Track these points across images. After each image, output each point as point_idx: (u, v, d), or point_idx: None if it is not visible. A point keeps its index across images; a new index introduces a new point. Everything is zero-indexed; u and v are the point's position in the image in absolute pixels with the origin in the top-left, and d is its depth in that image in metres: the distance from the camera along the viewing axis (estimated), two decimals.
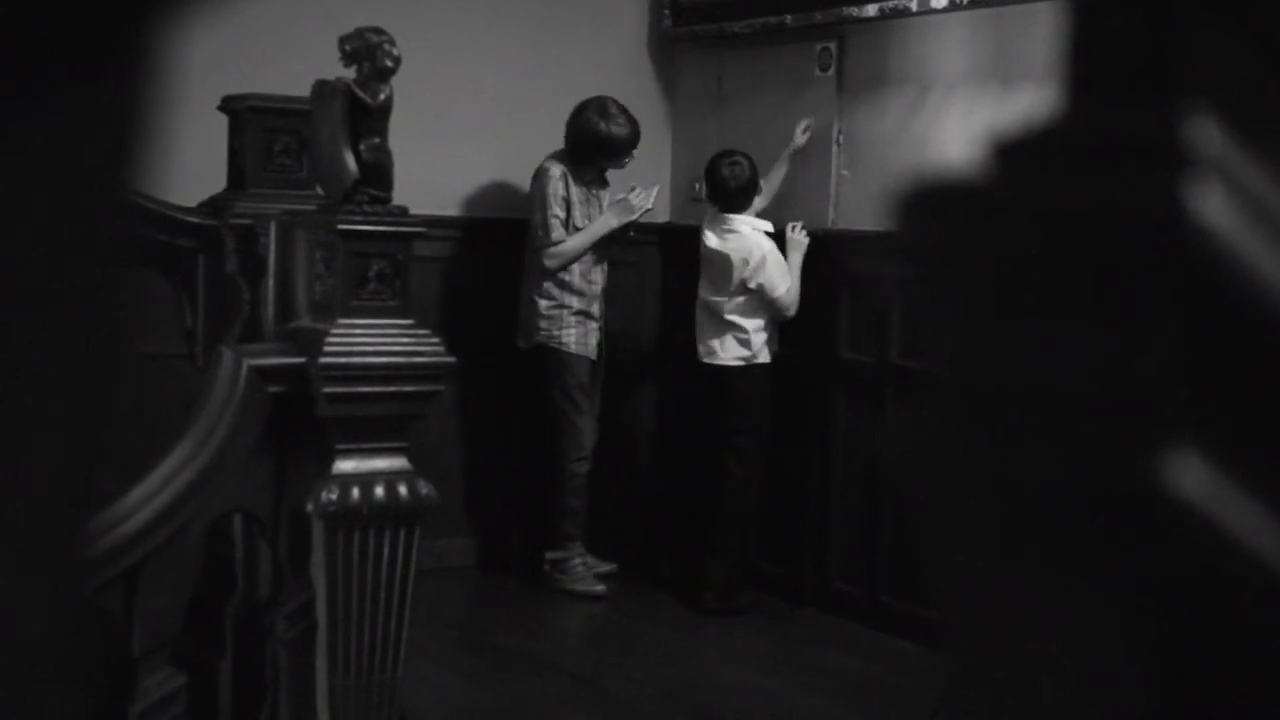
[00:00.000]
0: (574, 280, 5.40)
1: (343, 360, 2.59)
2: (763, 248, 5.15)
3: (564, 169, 5.42)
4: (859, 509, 5.10)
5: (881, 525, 4.99)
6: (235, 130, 3.29)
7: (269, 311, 2.98)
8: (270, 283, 2.98)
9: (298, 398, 2.61)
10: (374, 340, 2.62)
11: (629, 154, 5.42)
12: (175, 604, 2.53)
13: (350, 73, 2.72)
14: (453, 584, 5.40)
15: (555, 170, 5.41)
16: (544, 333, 5.41)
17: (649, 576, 5.52)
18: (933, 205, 0.42)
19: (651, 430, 5.98)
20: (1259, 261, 0.38)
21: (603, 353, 5.54)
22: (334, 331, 2.61)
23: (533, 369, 5.44)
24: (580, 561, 5.42)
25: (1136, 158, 0.38)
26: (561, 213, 5.38)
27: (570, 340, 5.40)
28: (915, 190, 0.42)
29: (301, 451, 2.66)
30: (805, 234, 5.23)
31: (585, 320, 5.43)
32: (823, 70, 5.35)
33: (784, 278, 5.15)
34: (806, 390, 5.32)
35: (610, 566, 5.55)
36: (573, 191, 5.40)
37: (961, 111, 4.77)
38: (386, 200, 2.69)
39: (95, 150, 0.39)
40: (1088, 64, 0.41)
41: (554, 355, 5.41)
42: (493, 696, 4.34)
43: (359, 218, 2.66)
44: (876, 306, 5.01)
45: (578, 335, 5.41)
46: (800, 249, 5.21)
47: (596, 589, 5.38)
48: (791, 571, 5.38)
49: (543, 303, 5.41)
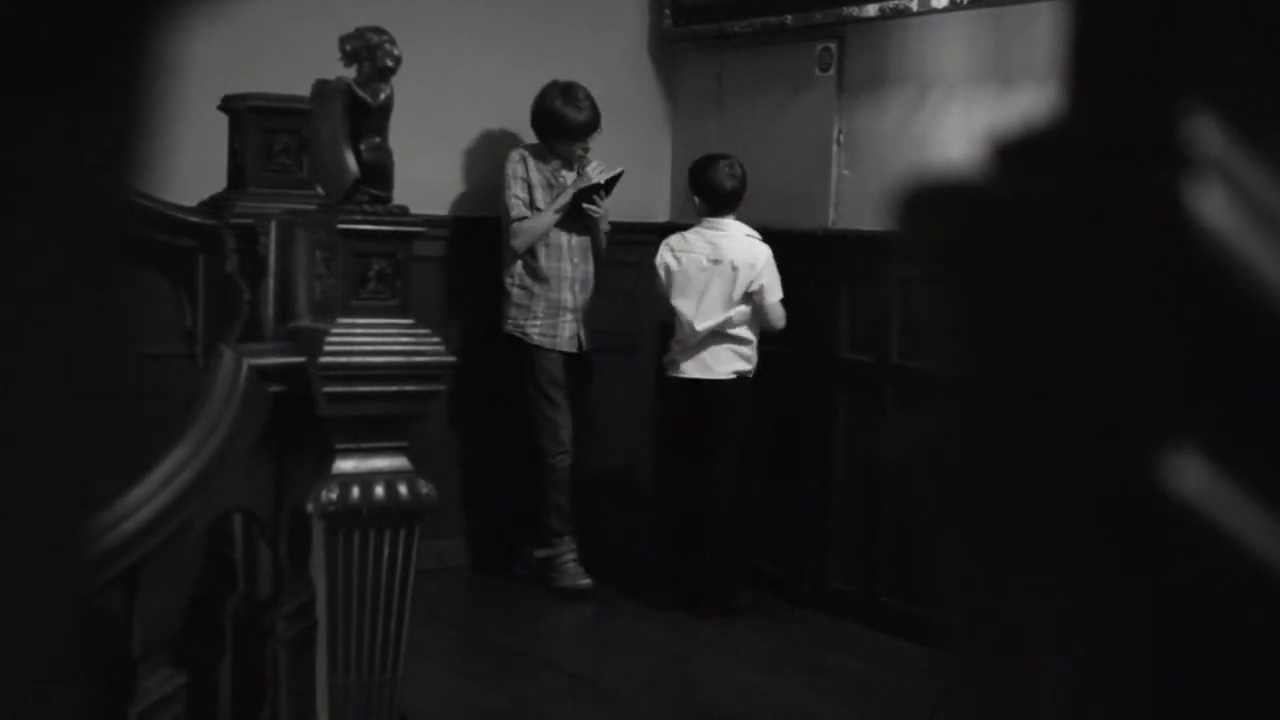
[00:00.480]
0: (540, 266, 5.35)
1: (343, 360, 2.59)
2: (764, 252, 5.12)
3: (525, 152, 5.42)
4: (859, 509, 5.10)
5: (881, 525, 4.99)
6: (235, 130, 3.29)
7: (269, 311, 2.98)
8: (270, 282, 2.98)
9: (298, 397, 2.61)
10: (374, 340, 2.63)
11: (583, 138, 5.36)
12: (175, 604, 2.53)
13: (350, 72, 2.72)
14: (453, 584, 5.40)
15: (515, 154, 5.42)
16: (512, 322, 5.39)
17: (648, 577, 5.52)
18: (933, 205, 0.42)
19: (649, 430, 5.97)
20: (1259, 261, 0.38)
21: (582, 345, 5.48)
22: (334, 331, 2.61)
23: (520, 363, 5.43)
24: (571, 558, 5.40)
25: (1137, 158, 0.38)
26: (522, 193, 5.36)
27: (534, 332, 5.36)
28: (915, 190, 0.42)
29: (302, 451, 2.66)
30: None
31: (557, 311, 5.38)
32: (823, 70, 5.35)
33: (779, 287, 5.12)
34: (806, 390, 5.32)
35: (587, 582, 5.49)
36: (533, 174, 5.38)
37: (962, 111, 4.77)
38: (387, 200, 2.69)
39: (95, 150, 0.39)
40: (1088, 64, 0.41)
41: (522, 348, 5.38)
42: (493, 696, 4.34)
43: (359, 217, 2.66)
44: (877, 306, 5.01)
45: (544, 327, 5.36)
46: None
47: (582, 583, 5.35)
48: (791, 571, 5.38)
49: (514, 291, 5.39)
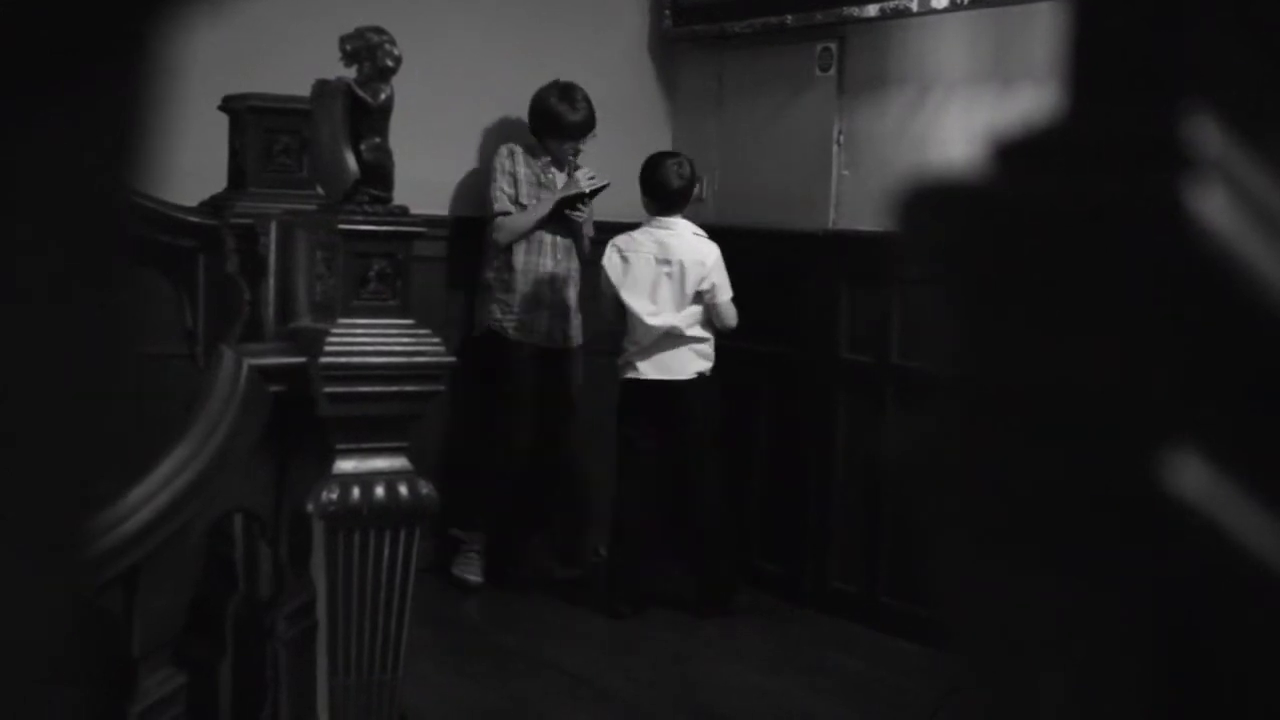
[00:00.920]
0: (518, 264, 5.34)
1: (343, 360, 2.59)
2: (713, 251, 5.09)
3: (515, 147, 5.42)
4: (859, 509, 5.10)
5: (882, 525, 4.99)
6: (236, 130, 3.29)
7: (269, 311, 2.98)
8: (271, 282, 2.98)
9: (298, 398, 2.61)
10: (374, 340, 2.62)
11: (577, 139, 5.35)
12: (176, 604, 2.53)
13: (351, 72, 2.72)
14: (452, 583, 5.40)
15: (504, 148, 5.42)
16: (492, 318, 5.38)
17: (647, 577, 5.52)
18: (933, 206, 0.42)
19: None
20: (1259, 262, 0.38)
21: (565, 341, 5.46)
22: (334, 331, 2.61)
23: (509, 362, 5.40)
24: (477, 549, 5.42)
25: (1137, 158, 0.38)
26: (508, 188, 5.35)
27: (510, 326, 5.35)
28: (915, 190, 0.42)
29: (302, 451, 2.66)
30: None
31: (535, 307, 5.36)
32: (823, 70, 5.35)
33: (729, 285, 5.09)
34: (807, 390, 5.32)
35: (577, 571, 5.54)
36: (520, 169, 5.38)
37: (962, 111, 4.77)
38: (387, 200, 2.69)
39: (96, 150, 0.39)
40: (1088, 64, 0.41)
41: (498, 343, 5.36)
42: (493, 696, 4.34)
43: (359, 217, 2.66)
44: (877, 307, 5.01)
45: (519, 322, 5.35)
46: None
47: (470, 578, 5.38)
48: (791, 571, 5.38)
49: (495, 287, 5.38)
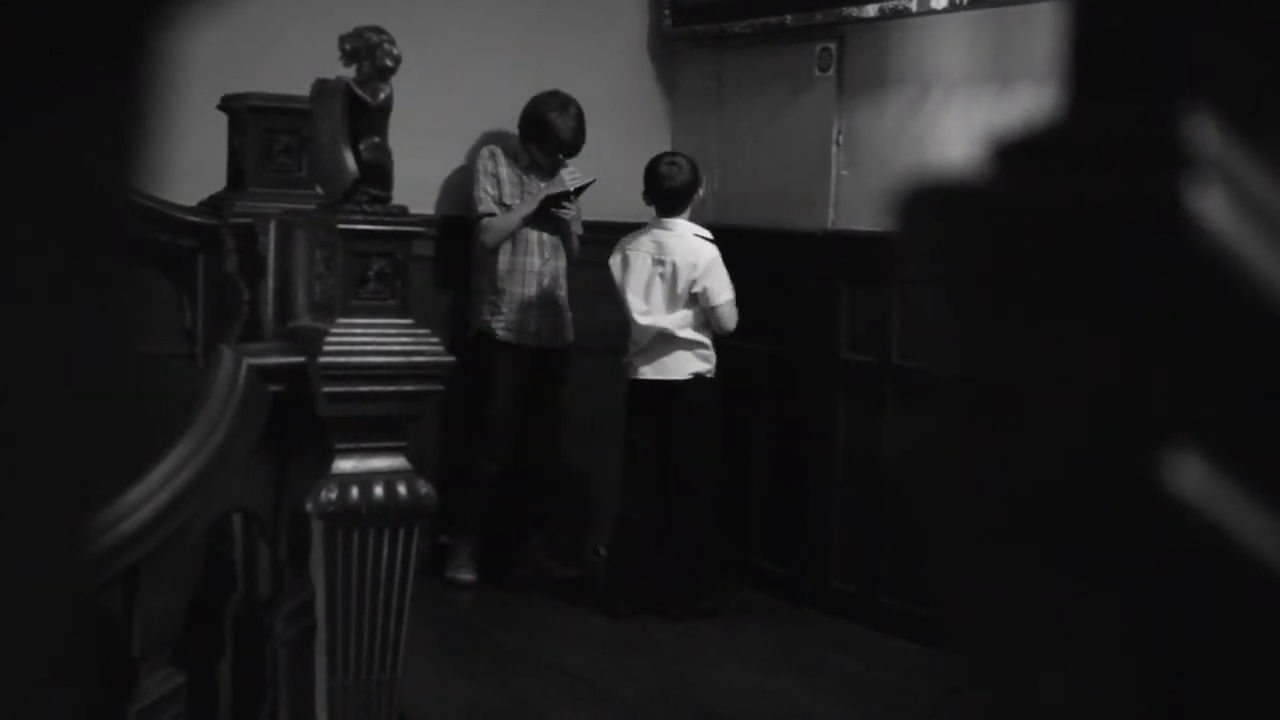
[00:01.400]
0: (503, 261, 5.33)
1: (342, 360, 2.59)
2: (709, 253, 5.07)
3: (496, 148, 5.41)
4: (859, 509, 5.10)
5: (882, 525, 4.99)
6: (235, 129, 3.29)
7: (268, 311, 2.98)
8: (270, 282, 2.98)
9: (297, 397, 2.61)
10: (373, 340, 2.62)
11: (562, 152, 5.34)
12: (175, 603, 2.53)
13: (350, 72, 2.72)
14: (450, 584, 5.41)
15: (485, 149, 5.41)
16: (482, 319, 5.37)
17: (646, 578, 5.51)
18: (933, 205, 0.42)
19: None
20: (1259, 262, 0.38)
21: (558, 339, 5.45)
22: (333, 331, 2.61)
23: (510, 365, 5.39)
24: (468, 551, 5.43)
25: (1137, 158, 0.38)
26: (492, 189, 5.34)
27: (499, 327, 5.34)
28: (915, 190, 0.42)
29: (301, 451, 2.66)
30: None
31: (523, 307, 5.35)
32: (822, 70, 5.35)
33: (726, 289, 5.06)
34: (807, 390, 5.32)
35: (575, 571, 5.55)
36: (504, 171, 5.37)
37: (961, 111, 4.77)
38: (386, 200, 2.69)
39: (95, 150, 0.39)
40: (1088, 64, 0.41)
41: (488, 344, 5.35)
42: (492, 696, 4.34)
43: (358, 217, 2.66)
44: (877, 307, 5.01)
45: (508, 322, 5.34)
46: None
47: (463, 577, 5.40)
48: (791, 571, 5.38)
49: (484, 289, 5.38)
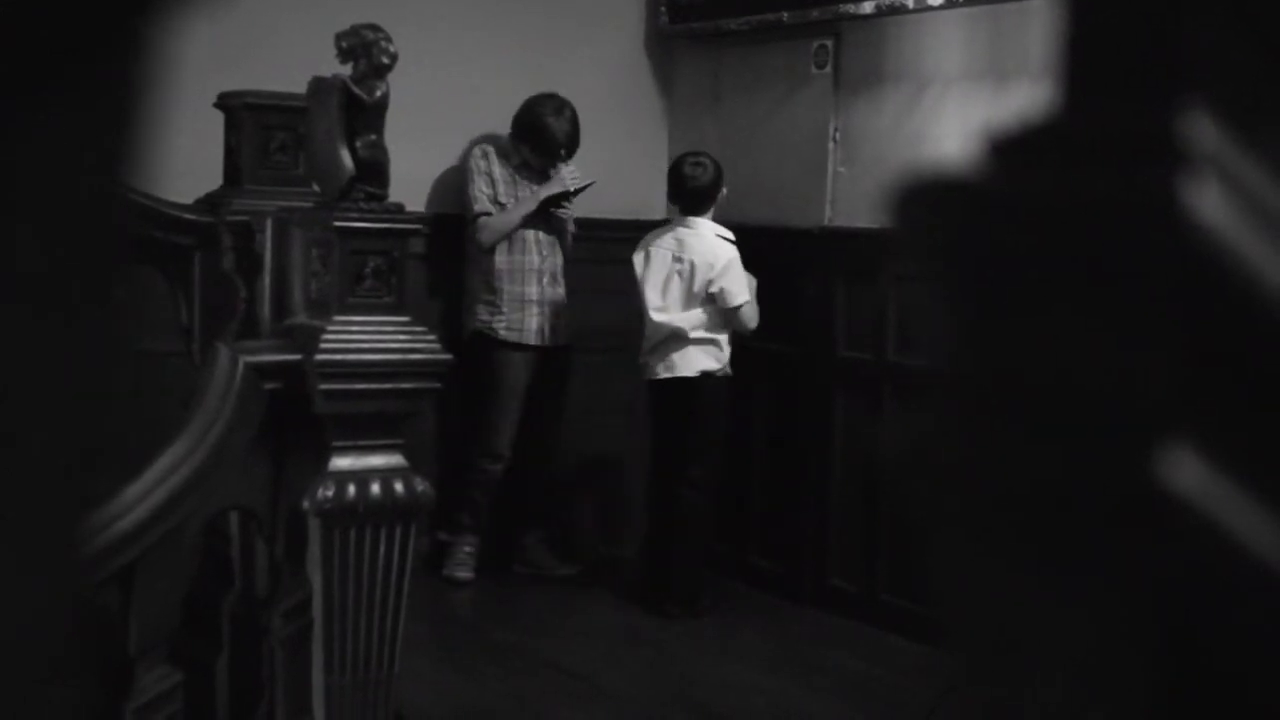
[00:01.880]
0: (501, 260, 5.32)
1: (339, 357, 2.59)
2: (726, 254, 5.08)
3: (489, 148, 5.40)
4: (857, 507, 5.10)
5: (880, 523, 4.99)
6: (231, 127, 3.29)
7: (265, 308, 2.98)
8: (266, 280, 2.98)
9: (294, 395, 2.61)
10: (370, 337, 2.62)
11: (554, 156, 5.34)
12: (172, 601, 2.52)
13: (346, 69, 2.72)
14: (447, 582, 5.41)
15: (477, 148, 5.40)
16: (480, 320, 5.36)
17: (646, 575, 5.52)
18: (929, 202, 0.42)
19: (640, 427, 5.96)
20: (1256, 258, 0.38)
21: (554, 339, 5.44)
22: (330, 328, 2.61)
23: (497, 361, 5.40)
24: (468, 550, 5.43)
25: (1133, 154, 0.38)
26: (487, 188, 5.34)
27: (501, 328, 5.33)
28: (911, 187, 0.42)
29: (298, 448, 2.66)
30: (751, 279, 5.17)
31: (522, 305, 5.34)
32: (819, 67, 5.35)
33: (744, 290, 5.07)
34: (804, 388, 5.32)
35: (573, 569, 5.55)
36: (497, 170, 5.36)
37: (958, 108, 4.78)
38: (383, 197, 2.69)
39: (91, 147, 0.39)
40: (1084, 60, 0.41)
41: (488, 345, 5.34)
42: (490, 694, 4.34)
43: (355, 215, 2.65)
44: (873, 304, 5.01)
45: (510, 322, 5.33)
46: (751, 286, 5.16)
47: (460, 575, 5.40)
48: (790, 570, 5.38)
49: (480, 289, 5.36)
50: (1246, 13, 0.40)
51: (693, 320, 5.09)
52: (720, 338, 5.12)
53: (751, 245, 5.29)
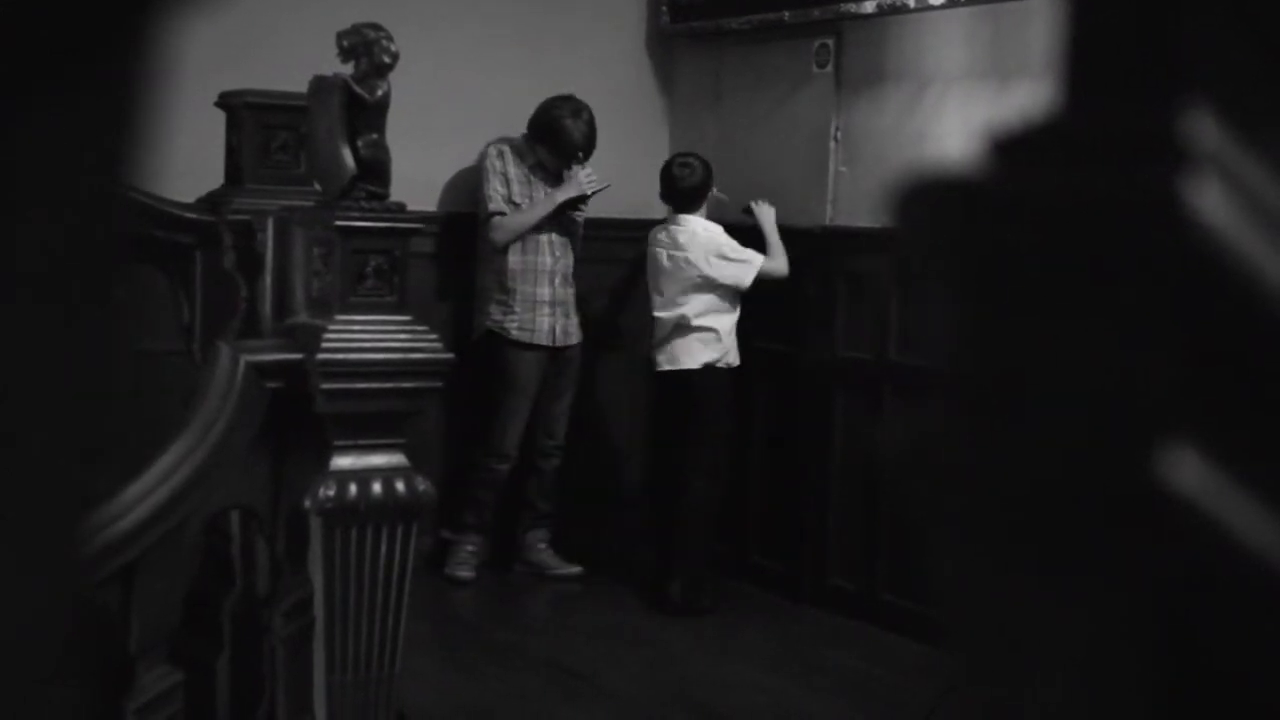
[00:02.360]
0: (514, 261, 5.34)
1: (340, 356, 2.59)
2: (717, 241, 5.17)
3: (505, 147, 5.41)
4: (858, 507, 5.10)
5: (880, 523, 4.99)
6: (233, 126, 3.29)
7: (266, 308, 2.98)
8: (268, 279, 2.98)
9: (295, 394, 2.61)
10: (371, 336, 2.62)
11: (571, 158, 5.35)
12: (172, 600, 2.52)
13: (348, 68, 2.72)
14: (449, 581, 5.41)
15: (493, 148, 5.41)
16: (491, 319, 5.38)
17: (645, 574, 5.52)
18: (930, 201, 0.42)
19: (644, 425, 5.97)
20: (1257, 257, 0.38)
21: (569, 337, 5.46)
22: (331, 328, 2.61)
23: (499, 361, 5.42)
24: (470, 549, 5.44)
25: (1134, 153, 0.38)
26: (501, 188, 5.35)
27: (513, 327, 5.34)
28: (913, 186, 0.42)
29: (299, 448, 2.66)
30: (766, 204, 5.28)
31: (534, 305, 5.35)
32: (820, 67, 5.35)
33: (745, 269, 5.15)
34: (804, 388, 5.32)
35: (575, 569, 5.55)
36: (511, 170, 5.37)
37: (959, 107, 4.77)
38: (384, 196, 2.69)
39: (92, 147, 0.39)
40: (1085, 59, 0.41)
41: (499, 344, 5.36)
42: (491, 693, 4.34)
43: (356, 214, 2.65)
44: (874, 303, 5.01)
45: (522, 321, 5.34)
46: (770, 217, 5.26)
47: (462, 575, 5.41)
48: (791, 569, 5.38)
49: (493, 289, 5.38)
50: (1246, 12, 0.40)
51: (696, 308, 5.17)
52: (722, 328, 5.18)
53: (753, 245, 5.29)
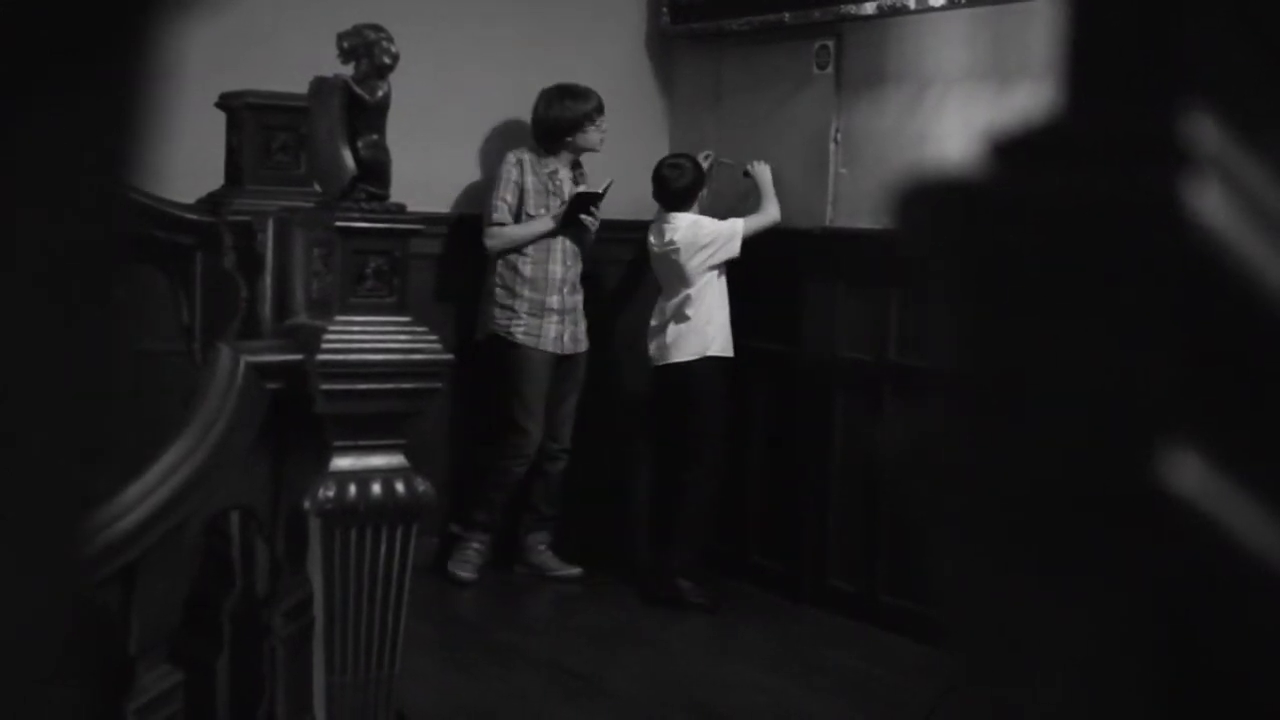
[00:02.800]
0: (526, 270, 5.37)
1: (340, 357, 2.59)
2: (699, 232, 5.25)
3: (524, 156, 5.43)
4: (858, 507, 5.10)
5: (880, 523, 4.99)
6: (233, 127, 3.29)
7: (266, 308, 2.98)
8: (268, 279, 2.98)
9: (295, 395, 2.61)
10: (371, 337, 2.62)
11: (598, 120, 5.41)
12: (172, 601, 2.52)
13: (348, 69, 2.72)
14: (450, 580, 5.40)
15: (512, 155, 5.44)
16: (496, 323, 5.40)
17: (646, 573, 5.52)
18: (931, 203, 0.42)
19: (639, 425, 5.97)
20: (1257, 259, 0.38)
21: (578, 345, 5.49)
22: (331, 328, 2.61)
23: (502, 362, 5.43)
24: (476, 548, 5.45)
25: (1135, 155, 0.38)
26: (511, 198, 5.38)
27: (519, 331, 5.37)
28: (913, 188, 0.42)
29: (299, 448, 2.66)
30: (763, 164, 5.38)
31: (542, 312, 5.38)
32: (820, 68, 5.35)
33: (728, 237, 5.23)
34: (804, 388, 5.32)
35: (576, 571, 5.55)
36: (528, 179, 5.40)
37: (959, 109, 4.77)
38: (384, 197, 2.69)
39: (92, 147, 0.39)
40: (1086, 61, 0.41)
41: (505, 348, 5.39)
42: (492, 694, 4.34)
43: (356, 215, 2.66)
44: (874, 304, 5.01)
45: (529, 326, 5.36)
46: (766, 175, 5.36)
47: (463, 575, 5.41)
48: (790, 569, 5.38)
49: (498, 292, 5.40)
50: (1248, 15, 0.40)
51: (685, 301, 5.25)
52: (712, 321, 5.24)
53: (753, 245, 5.30)
